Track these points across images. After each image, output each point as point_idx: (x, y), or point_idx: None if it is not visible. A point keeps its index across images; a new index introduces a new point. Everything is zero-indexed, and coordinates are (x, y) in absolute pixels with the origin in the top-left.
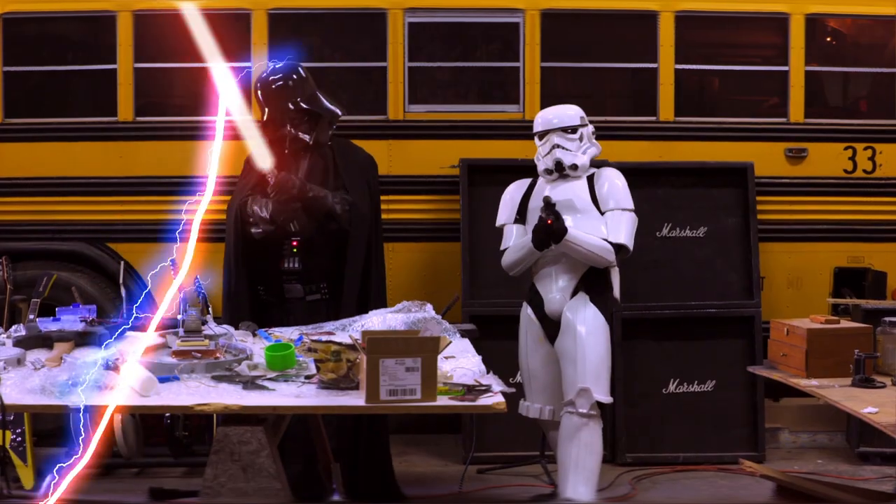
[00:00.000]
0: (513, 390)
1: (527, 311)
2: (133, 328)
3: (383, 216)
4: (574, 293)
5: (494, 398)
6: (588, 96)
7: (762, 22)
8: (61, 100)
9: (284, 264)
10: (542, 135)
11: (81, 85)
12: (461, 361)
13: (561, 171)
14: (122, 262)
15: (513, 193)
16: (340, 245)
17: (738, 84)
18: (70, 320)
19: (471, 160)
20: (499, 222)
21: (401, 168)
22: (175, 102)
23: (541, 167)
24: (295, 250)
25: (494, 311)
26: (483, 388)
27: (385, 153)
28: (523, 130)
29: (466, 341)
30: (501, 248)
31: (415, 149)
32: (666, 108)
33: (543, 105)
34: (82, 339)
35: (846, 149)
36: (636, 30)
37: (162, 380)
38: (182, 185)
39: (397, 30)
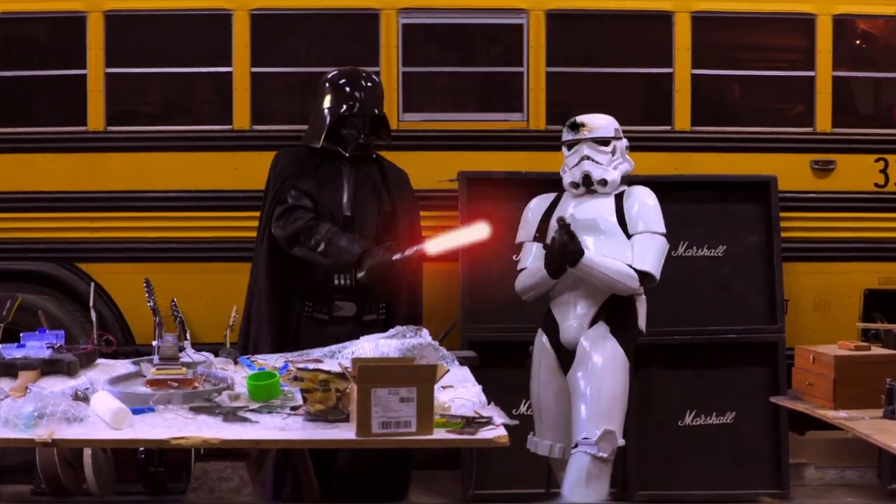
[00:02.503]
0: (516, 422)
1: (541, 339)
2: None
3: None
4: (593, 322)
5: (496, 431)
6: (597, 104)
7: (786, 23)
8: (26, 108)
9: (335, 281)
10: (572, 144)
11: (48, 92)
12: (460, 391)
13: (588, 185)
14: (93, 284)
15: (534, 208)
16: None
17: (759, 91)
18: (36, 347)
19: (470, 173)
20: (517, 239)
21: None
22: (150, 111)
23: (567, 179)
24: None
25: (496, 336)
26: (483, 420)
27: None
28: (527, 141)
29: (466, 370)
30: (518, 267)
31: (410, 160)
32: (682, 116)
33: (549, 113)
34: (49, 368)
35: (877, 161)
36: (649, 32)
37: (135, 411)
38: (158, 200)
39: (390, 32)
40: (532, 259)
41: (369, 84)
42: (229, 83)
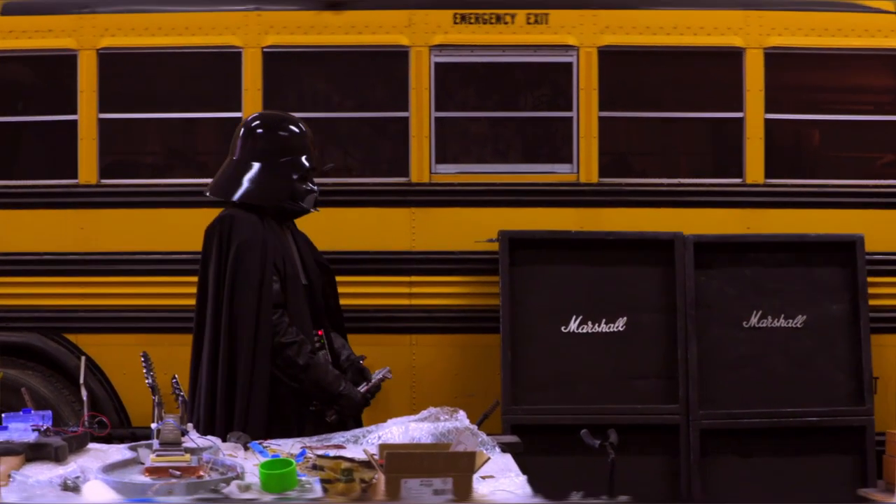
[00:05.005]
0: None
1: None
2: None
3: (405, 301)
4: None
5: None
6: (657, 153)
7: (873, 60)
8: (8, 158)
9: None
10: None
11: (33, 140)
12: (502, 482)
13: None
14: (84, 358)
15: None
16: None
17: (843, 138)
18: (20, 429)
19: (512, 233)
20: None
21: (426, 242)
22: (149, 161)
23: None
24: (324, 340)
25: (542, 419)
26: None
27: (407, 224)
28: (577, 196)
29: (508, 457)
30: None
31: (443, 219)
32: (754, 167)
33: (602, 164)
34: (35, 453)
35: None
36: (716, 71)
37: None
38: (158, 263)
39: (422, 72)
40: None
41: (308, 130)
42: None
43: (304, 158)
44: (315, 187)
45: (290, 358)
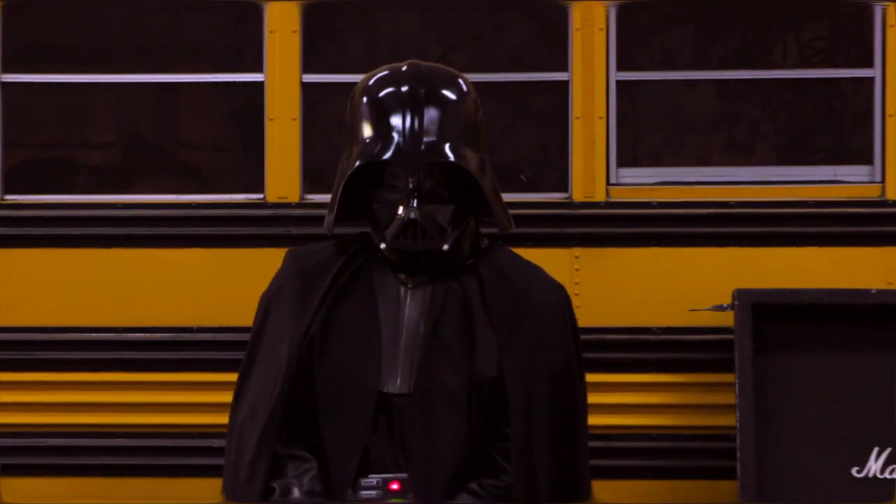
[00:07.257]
0: None
1: None
2: None
3: None
4: None
5: None
6: None
7: None
8: None
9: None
10: None
11: None
12: None
13: None
14: None
15: None
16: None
17: None
18: None
19: (760, 294)
20: None
21: (600, 310)
22: (92, 162)
23: None
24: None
25: None
26: None
27: (567, 274)
28: (883, 223)
29: None
30: None
31: (630, 266)
32: None
33: None
34: None
35: None
36: None
37: None
38: (109, 348)
39: (592, 13)
40: None
41: (433, 94)
42: (258, 105)
43: (371, 147)
44: (401, 209)
45: None
